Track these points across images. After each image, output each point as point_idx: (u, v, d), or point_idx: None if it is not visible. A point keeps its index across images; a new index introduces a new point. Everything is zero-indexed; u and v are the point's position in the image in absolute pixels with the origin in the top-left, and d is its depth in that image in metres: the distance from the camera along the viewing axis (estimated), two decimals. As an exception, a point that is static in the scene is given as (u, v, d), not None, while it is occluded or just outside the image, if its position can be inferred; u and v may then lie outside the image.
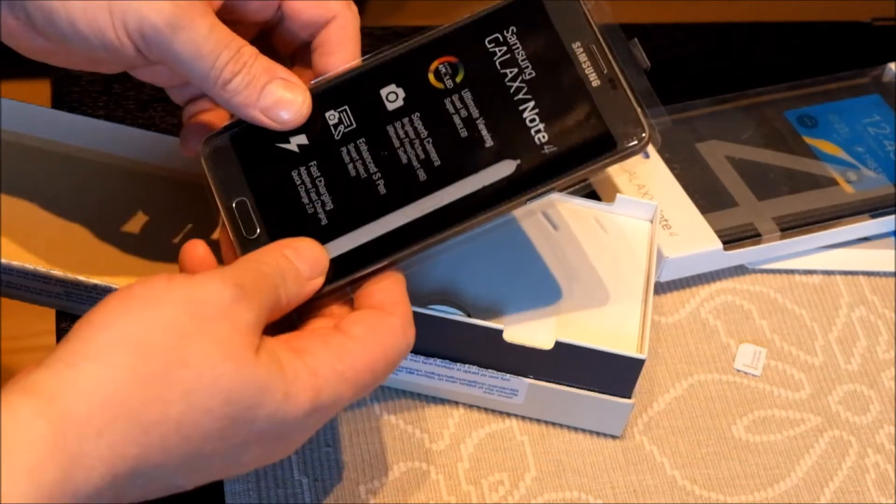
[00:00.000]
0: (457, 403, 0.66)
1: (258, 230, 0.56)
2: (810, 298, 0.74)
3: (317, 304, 0.56)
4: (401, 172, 0.57)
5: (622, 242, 0.69)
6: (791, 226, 0.74)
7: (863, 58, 0.83)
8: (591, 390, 0.64)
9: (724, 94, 0.80)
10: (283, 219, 0.57)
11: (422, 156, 0.57)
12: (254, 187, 0.57)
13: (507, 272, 0.67)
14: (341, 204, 0.57)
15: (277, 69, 0.58)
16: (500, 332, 0.62)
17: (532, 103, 0.57)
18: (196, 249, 0.55)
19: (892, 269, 0.75)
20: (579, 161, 0.56)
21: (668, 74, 0.84)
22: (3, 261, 0.63)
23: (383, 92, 0.58)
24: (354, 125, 0.58)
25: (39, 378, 0.46)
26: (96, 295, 0.64)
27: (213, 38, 0.55)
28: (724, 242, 0.72)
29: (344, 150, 0.57)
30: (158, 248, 0.68)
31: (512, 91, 0.57)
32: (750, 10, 1.62)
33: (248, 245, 0.56)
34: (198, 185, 0.71)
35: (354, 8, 0.60)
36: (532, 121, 0.56)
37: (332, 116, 0.58)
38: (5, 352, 1.33)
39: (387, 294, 0.55)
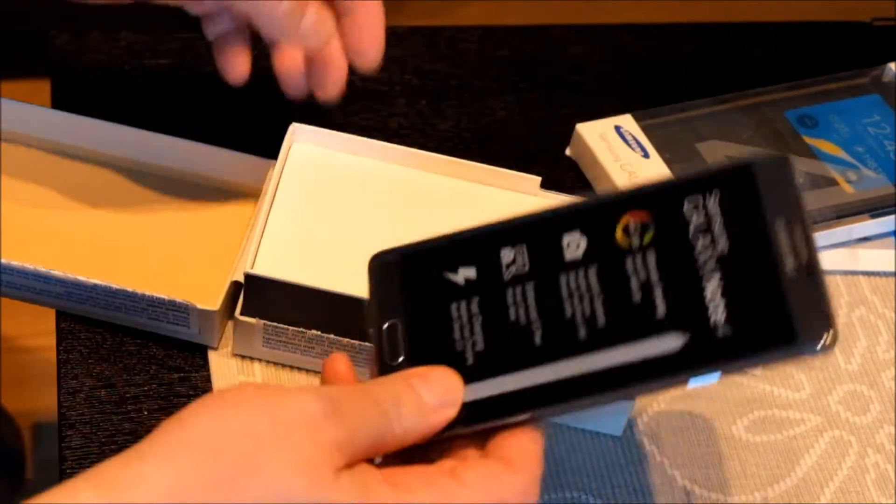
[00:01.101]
0: (457, 403, 0.66)
1: (401, 357, 0.53)
2: (810, 298, 0.73)
3: (448, 444, 0.52)
4: (562, 326, 0.52)
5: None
6: (791, 226, 0.74)
7: (863, 58, 0.83)
8: (592, 391, 0.64)
9: (724, 94, 0.80)
10: (429, 350, 0.53)
11: (587, 312, 0.52)
12: (409, 313, 0.54)
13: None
14: (493, 347, 0.52)
15: None
16: (501, 332, 0.62)
17: (716, 278, 0.51)
18: (337, 364, 0.53)
19: (892, 269, 0.75)
20: (752, 351, 0.50)
21: (668, 74, 0.84)
22: (3, 261, 0.63)
23: (565, 238, 0.53)
24: (527, 267, 0.53)
25: (108, 467, 0.46)
26: (96, 295, 0.64)
27: None
28: (724, 242, 0.72)
29: (510, 291, 0.53)
30: (159, 248, 0.68)
31: (699, 262, 0.51)
32: (750, 10, 1.62)
33: (387, 371, 0.52)
34: (198, 185, 0.71)
35: None
36: (711, 298, 0.50)
37: (506, 254, 0.54)
38: (5, 352, 1.33)
39: (519, 450, 0.51)
